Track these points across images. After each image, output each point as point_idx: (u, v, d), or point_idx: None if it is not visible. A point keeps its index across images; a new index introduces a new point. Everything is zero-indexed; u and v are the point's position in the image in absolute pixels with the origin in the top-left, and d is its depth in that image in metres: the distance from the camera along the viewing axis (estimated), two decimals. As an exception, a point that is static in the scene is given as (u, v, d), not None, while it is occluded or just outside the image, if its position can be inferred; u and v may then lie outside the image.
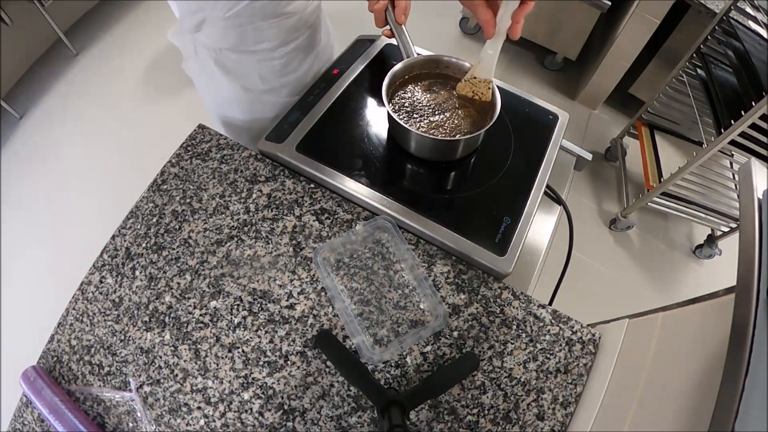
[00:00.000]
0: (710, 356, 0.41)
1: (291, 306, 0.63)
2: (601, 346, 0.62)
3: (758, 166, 0.44)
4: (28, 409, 0.59)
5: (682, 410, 0.42)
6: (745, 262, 0.39)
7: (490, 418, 0.57)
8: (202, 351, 0.60)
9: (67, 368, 0.61)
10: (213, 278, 0.65)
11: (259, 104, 0.86)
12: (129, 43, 2.25)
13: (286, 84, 0.85)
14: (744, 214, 0.42)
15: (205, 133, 0.78)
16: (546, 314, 0.64)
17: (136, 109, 2.05)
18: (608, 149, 2.02)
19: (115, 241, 0.68)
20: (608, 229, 1.85)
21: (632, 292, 1.72)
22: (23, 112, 2.00)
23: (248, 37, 0.74)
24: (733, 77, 1.37)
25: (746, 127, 1.22)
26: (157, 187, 0.72)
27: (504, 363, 0.60)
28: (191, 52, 0.80)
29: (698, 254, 1.82)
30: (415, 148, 0.71)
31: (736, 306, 0.39)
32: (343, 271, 0.65)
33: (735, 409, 0.32)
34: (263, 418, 0.57)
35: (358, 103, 0.78)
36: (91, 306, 0.64)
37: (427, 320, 0.62)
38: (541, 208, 0.72)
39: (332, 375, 0.59)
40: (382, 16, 0.69)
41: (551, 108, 0.81)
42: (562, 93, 2.20)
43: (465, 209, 0.69)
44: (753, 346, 0.34)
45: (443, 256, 0.67)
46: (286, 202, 0.70)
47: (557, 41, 2.07)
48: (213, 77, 0.81)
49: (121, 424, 0.58)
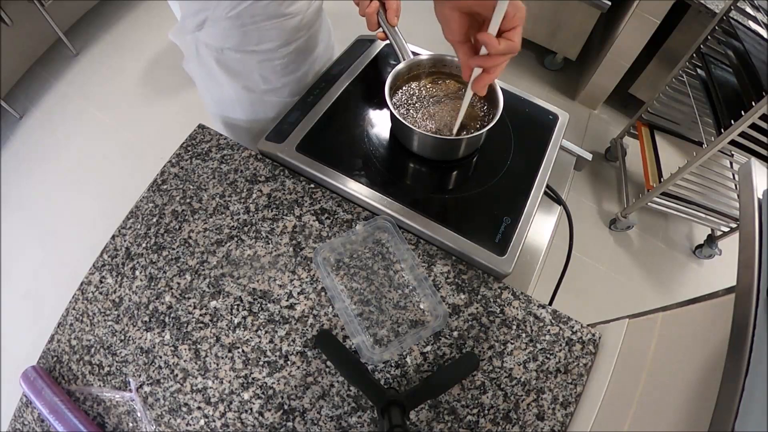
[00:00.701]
0: (710, 356, 0.41)
1: (291, 306, 0.63)
2: (601, 346, 0.62)
3: (758, 166, 0.44)
4: (28, 409, 0.59)
5: (682, 410, 0.42)
6: (745, 262, 0.39)
7: (490, 418, 0.57)
8: (202, 351, 0.60)
9: (67, 368, 0.61)
10: (213, 278, 0.65)
11: (260, 104, 0.86)
12: (129, 43, 2.25)
13: (288, 84, 0.85)
14: (744, 214, 0.42)
15: (205, 133, 0.78)
16: (546, 314, 0.64)
17: (136, 109, 2.05)
18: (608, 149, 2.02)
19: (115, 241, 0.68)
20: (608, 229, 1.85)
21: (632, 292, 1.72)
22: (23, 112, 2.00)
23: (250, 37, 0.74)
24: (733, 77, 1.37)
25: (746, 127, 1.22)
26: (157, 187, 0.72)
27: (504, 363, 0.60)
28: (193, 51, 0.80)
29: (698, 254, 1.82)
30: (417, 147, 0.71)
31: (736, 306, 0.39)
32: (343, 271, 0.65)
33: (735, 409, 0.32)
34: (263, 418, 0.57)
35: (358, 103, 0.78)
36: (91, 306, 0.64)
37: (427, 320, 0.62)
38: (541, 208, 0.72)
39: (332, 375, 0.59)
40: (374, 19, 0.69)
41: (551, 108, 0.81)
42: (562, 93, 2.20)
43: (465, 209, 0.69)
44: (753, 346, 0.34)
45: (443, 256, 0.67)
46: (286, 202, 0.70)
47: (557, 41, 2.07)
48: (214, 77, 0.81)
49: (121, 424, 0.58)
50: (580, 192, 1.93)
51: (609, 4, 1.76)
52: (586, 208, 1.89)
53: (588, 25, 1.90)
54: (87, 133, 1.98)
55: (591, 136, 2.09)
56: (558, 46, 2.10)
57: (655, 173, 1.70)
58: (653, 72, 1.89)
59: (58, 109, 2.03)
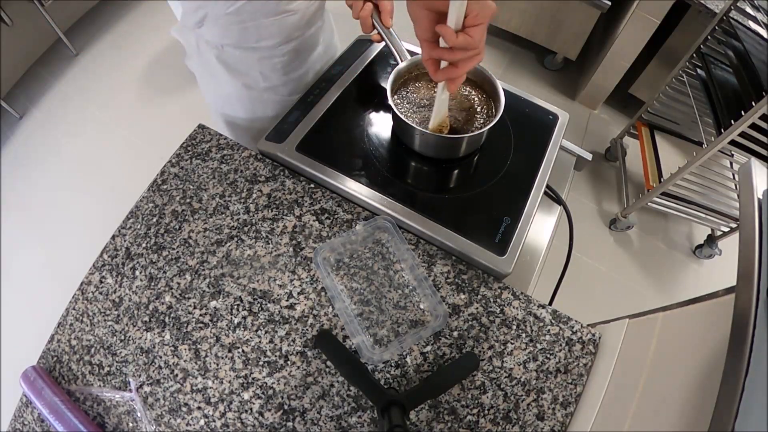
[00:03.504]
0: (710, 356, 0.41)
1: (291, 306, 0.63)
2: (601, 346, 0.62)
3: (758, 166, 0.44)
4: (28, 409, 0.59)
5: (682, 410, 0.42)
6: (745, 262, 0.39)
7: (490, 418, 0.57)
8: (202, 351, 0.60)
9: (67, 368, 0.61)
10: (213, 278, 0.65)
11: (260, 102, 0.86)
12: (129, 43, 2.25)
13: (288, 82, 0.85)
14: (744, 214, 0.42)
15: (205, 133, 0.78)
16: (546, 314, 0.64)
17: (137, 108, 2.05)
18: (608, 149, 2.02)
19: (115, 241, 0.68)
20: (608, 229, 1.85)
21: (632, 292, 1.72)
22: (23, 112, 2.00)
23: (250, 33, 0.74)
24: (733, 77, 1.37)
25: (746, 127, 1.22)
26: (157, 187, 0.72)
27: (504, 363, 0.60)
28: (194, 48, 0.80)
29: (698, 254, 1.82)
30: (419, 146, 0.71)
31: (736, 306, 0.39)
32: (343, 271, 0.65)
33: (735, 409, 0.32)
34: (263, 418, 0.57)
35: (358, 103, 0.78)
36: (91, 306, 0.64)
37: (427, 320, 0.62)
38: (541, 208, 0.72)
39: (332, 375, 0.59)
40: (368, 21, 0.68)
41: (551, 108, 0.81)
42: (562, 93, 2.20)
43: (465, 209, 0.69)
44: (753, 346, 0.34)
45: (443, 256, 0.67)
46: (286, 202, 0.70)
47: (557, 41, 2.07)
48: (215, 73, 0.82)
49: (121, 424, 0.58)
50: (580, 192, 1.93)
51: (609, 4, 1.76)
52: (586, 208, 1.89)
53: (588, 25, 1.90)
54: (87, 133, 1.98)
55: (591, 136, 2.09)
56: (558, 46, 2.10)
57: (655, 173, 1.70)
58: (653, 72, 1.89)
59: (58, 109, 2.03)
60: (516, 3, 1.99)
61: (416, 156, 0.73)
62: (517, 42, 2.26)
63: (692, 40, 1.55)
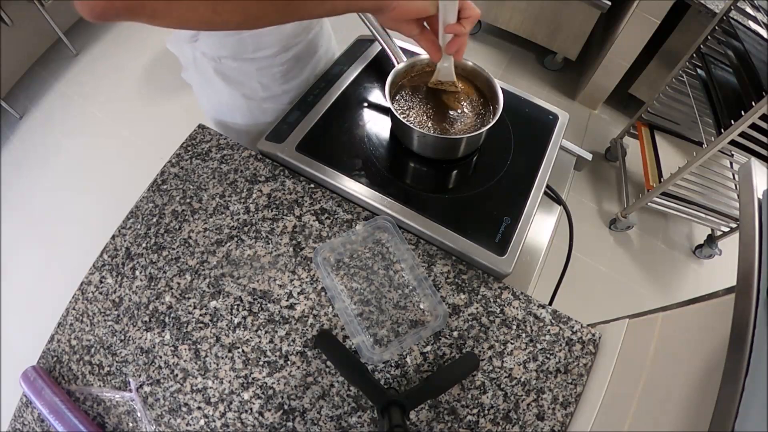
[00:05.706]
0: (710, 356, 0.41)
1: (291, 306, 0.63)
2: (601, 346, 0.62)
3: (758, 166, 0.44)
4: (28, 409, 0.59)
5: (682, 410, 0.42)
6: (745, 262, 0.39)
7: (490, 418, 0.57)
8: (202, 351, 0.60)
9: (67, 368, 0.61)
10: (213, 278, 0.65)
11: (260, 112, 0.85)
12: (129, 43, 2.25)
13: (288, 91, 0.84)
14: (744, 214, 0.42)
15: (205, 133, 0.78)
16: (546, 314, 0.64)
17: (136, 109, 2.05)
18: (608, 149, 2.02)
19: (115, 241, 0.68)
20: (608, 229, 1.85)
21: (632, 292, 1.72)
22: (23, 112, 2.00)
23: (247, 44, 0.73)
24: (733, 77, 1.37)
25: (746, 127, 1.22)
26: (157, 187, 0.72)
27: (504, 363, 0.60)
28: (190, 61, 0.78)
29: (698, 254, 1.82)
30: (418, 147, 0.71)
31: (736, 306, 0.39)
32: (343, 271, 0.65)
33: (735, 409, 0.32)
34: (263, 418, 0.57)
35: (358, 103, 0.78)
36: (91, 306, 0.64)
37: (427, 320, 0.62)
38: (541, 208, 0.72)
39: (332, 375, 0.59)
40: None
41: (551, 108, 0.81)
42: (562, 93, 2.20)
43: (465, 209, 0.69)
44: (753, 346, 0.34)
45: (443, 256, 0.67)
46: (286, 202, 0.70)
47: (557, 41, 2.07)
48: (213, 86, 0.80)
49: (121, 424, 0.58)
50: (580, 192, 1.93)
51: (609, 4, 1.76)
52: (586, 208, 1.89)
53: (588, 25, 1.90)
54: (87, 133, 1.98)
55: (591, 136, 2.09)
56: (558, 46, 2.10)
57: (655, 173, 1.70)
58: (653, 72, 1.89)
59: (58, 109, 2.03)
60: (516, 3, 1.99)
61: (416, 156, 0.73)
62: (517, 42, 2.26)
63: (692, 40, 1.55)
